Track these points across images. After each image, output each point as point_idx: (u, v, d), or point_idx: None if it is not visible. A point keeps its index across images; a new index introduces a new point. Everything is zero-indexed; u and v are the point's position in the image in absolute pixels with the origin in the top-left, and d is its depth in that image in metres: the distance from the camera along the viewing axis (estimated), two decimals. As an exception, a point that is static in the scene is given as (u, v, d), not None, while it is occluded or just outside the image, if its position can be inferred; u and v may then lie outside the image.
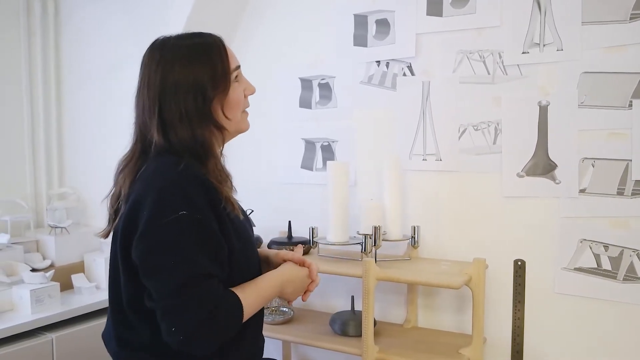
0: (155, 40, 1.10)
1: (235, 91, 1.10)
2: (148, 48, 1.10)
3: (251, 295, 1.05)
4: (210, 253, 0.99)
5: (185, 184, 0.99)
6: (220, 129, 1.08)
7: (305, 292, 1.20)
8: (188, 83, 1.04)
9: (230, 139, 1.16)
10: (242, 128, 1.15)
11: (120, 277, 1.05)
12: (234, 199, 1.08)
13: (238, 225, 1.09)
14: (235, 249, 1.05)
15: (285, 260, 1.21)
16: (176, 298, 0.95)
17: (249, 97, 1.16)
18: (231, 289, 1.04)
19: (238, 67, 1.12)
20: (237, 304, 1.01)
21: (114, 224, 1.10)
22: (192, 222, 0.97)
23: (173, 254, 0.96)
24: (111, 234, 1.11)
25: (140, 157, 1.09)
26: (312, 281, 1.20)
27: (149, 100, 1.05)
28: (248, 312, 1.03)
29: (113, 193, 1.12)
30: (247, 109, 1.16)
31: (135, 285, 1.02)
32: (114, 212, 1.11)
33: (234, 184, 1.12)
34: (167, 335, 0.97)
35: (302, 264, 1.20)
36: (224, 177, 1.08)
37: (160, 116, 1.04)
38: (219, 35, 1.12)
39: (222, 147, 1.15)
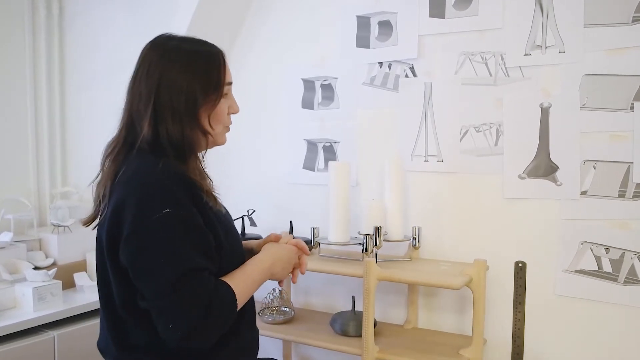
0: (160, 36, 1.12)
1: (221, 105, 1.12)
2: (150, 42, 1.11)
3: (240, 282, 1.05)
4: (198, 247, 1.00)
5: (167, 181, 1.00)
6: (206, 135, 1.10)
7: (293, 272, 1.21)
8: (183, 85, 1.05)
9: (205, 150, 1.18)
10: (219, 142, 1.16)
11: (109, 282, 1.05)
12: (216, 193, 1.10)
13: (221, 218, 1.11)
14: (222, 240, 1.06)
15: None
16: (171, 295, 0.95)
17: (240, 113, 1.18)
18: (220, 278, 1.04)
19: (230, 83, 1.14)
20: (231, 293, 1.02)
21: (98, 222, 1.10)
22: (177, 218, 0.98)
23: (162, 253, 0.96)
24: (95, 235, 1.11)
25: (124, 145, 1.09)
26: (301, 264, 1.21)
27: (147, 89, 1.06)
28: (240, 299, 1.04)
29: (100, 179, 1.11)
30: (229, 126, 1.18)
31: (127, 287, 1.02)
32: (98, 201, 1.10)
33: (218, 183, 1.14)
34: (164, 334, 0.97)
35: (277, 240, 1.22)
36: (204, 175, 1.10)
37: (155, 106, 1.04)
38: (221, 49, 1.14)
39: (204, 154, 1.16)
